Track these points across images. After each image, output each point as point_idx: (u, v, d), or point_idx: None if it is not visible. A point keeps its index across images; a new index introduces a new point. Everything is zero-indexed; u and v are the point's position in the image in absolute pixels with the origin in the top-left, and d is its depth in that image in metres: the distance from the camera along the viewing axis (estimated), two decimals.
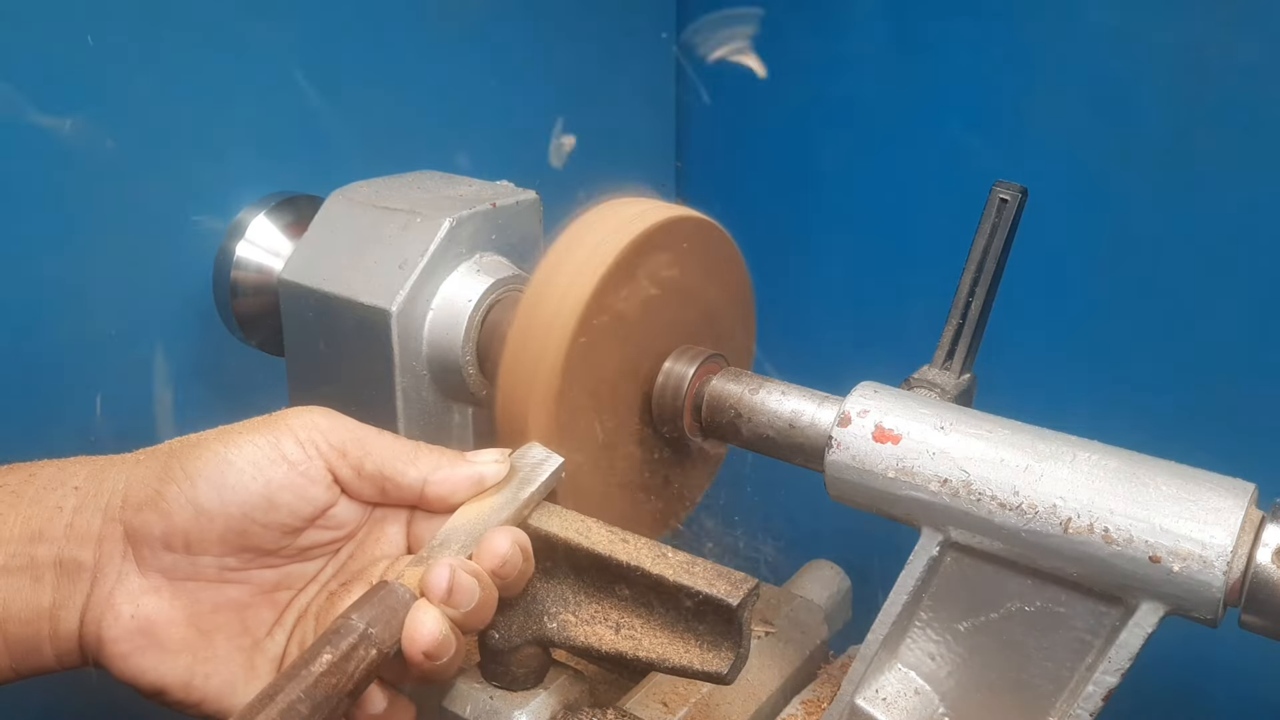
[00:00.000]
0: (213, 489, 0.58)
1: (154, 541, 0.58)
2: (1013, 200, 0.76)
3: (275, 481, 0.59)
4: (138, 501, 0.58)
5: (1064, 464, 0.62)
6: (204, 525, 0.58)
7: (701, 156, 1.80)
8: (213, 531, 0.58)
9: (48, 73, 1.04)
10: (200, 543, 0.58)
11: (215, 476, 0.58)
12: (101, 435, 1.18)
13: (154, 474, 0.59)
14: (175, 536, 0.58)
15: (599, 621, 0.63)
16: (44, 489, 0.59)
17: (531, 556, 0.62)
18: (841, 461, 0.68)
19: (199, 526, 0.58)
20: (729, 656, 0.60)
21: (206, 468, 0.58)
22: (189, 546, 0.58)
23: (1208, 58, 1.26)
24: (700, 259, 0.80)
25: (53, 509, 0.58)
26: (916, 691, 0.69)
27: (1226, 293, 1.30)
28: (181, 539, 0.58)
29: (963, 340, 0.78)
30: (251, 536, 0.59)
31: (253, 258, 0.85)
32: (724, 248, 0.83)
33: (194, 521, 0.58)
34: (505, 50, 1.48)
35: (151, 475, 0.59)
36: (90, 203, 1.07)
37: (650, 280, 0.75)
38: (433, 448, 0.65)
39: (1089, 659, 0.63)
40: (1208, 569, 0.57)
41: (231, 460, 0.58)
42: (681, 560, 0.61)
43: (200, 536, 0.58)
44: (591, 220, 0.75)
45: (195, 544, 0.58)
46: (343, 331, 0.80)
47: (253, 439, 0.59)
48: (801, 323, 1.63)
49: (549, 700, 0.65)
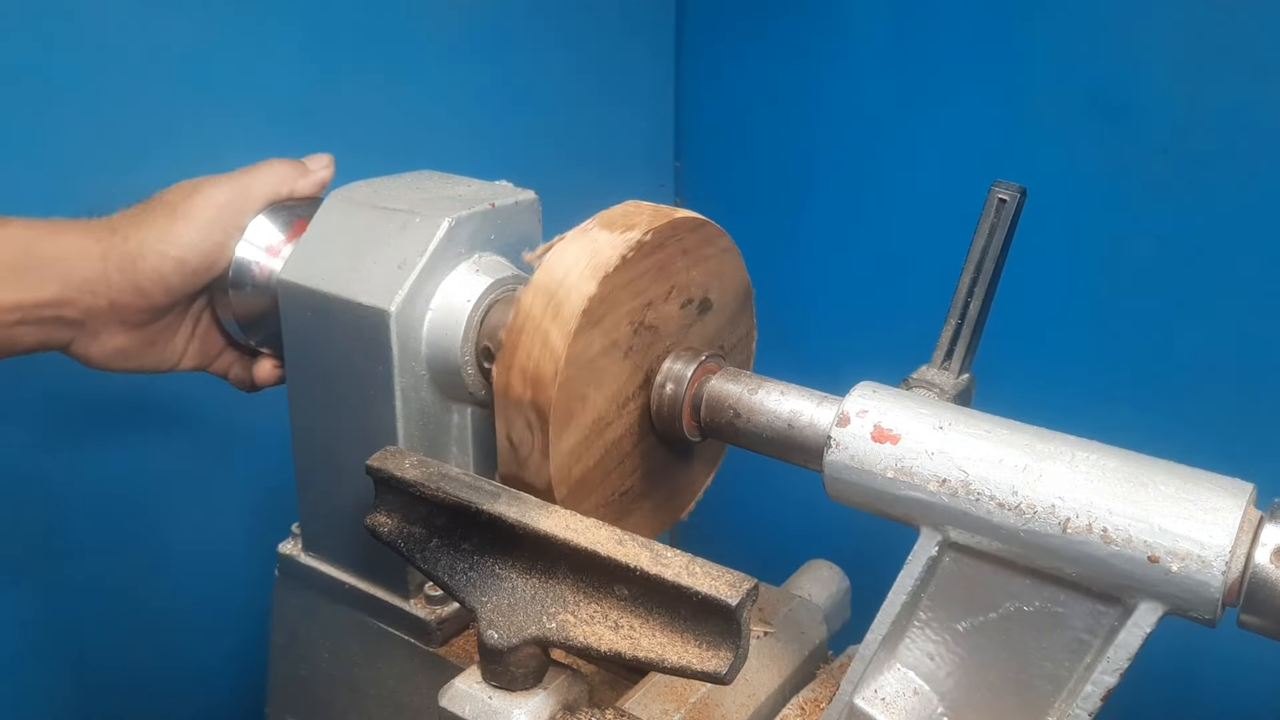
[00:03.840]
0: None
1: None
2: (1011, 200, 0.76)
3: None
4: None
5: (1063, 464, 0.62)
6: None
7: (701, 156, 1.80)
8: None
9: (47, 71, 1.04)
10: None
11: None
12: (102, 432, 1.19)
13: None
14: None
15: (598, 621, 0.63)
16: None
17: None
18: (840, 461, 0.68)
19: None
20: (728, 656, 0.60)
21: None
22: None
23: (1208, 58, 1.26)
24: (705, 258, 0.80)
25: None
26: (915, 691, 0.69)
27: (1225, 293, 1.30)
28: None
29: (961, 340, 0.78)
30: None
31: (251, 257, 0.85)
32: (725, 247, 0.83)
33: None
34: (505, 51, 1.48)
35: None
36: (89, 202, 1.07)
37: (661, 272, 0.76)
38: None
39: (1088, 659, 0.63)
40: (1206, 569, 0.57)
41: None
42: (680, 560, 0.61)
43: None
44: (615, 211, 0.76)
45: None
46: (341, 332, 0.80)
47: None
48: (801, 323, 1.63)
49: (548, 700, 0.65)
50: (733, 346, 0.87)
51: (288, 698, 0.98)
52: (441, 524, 0.70)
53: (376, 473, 0.71)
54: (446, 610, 0.85)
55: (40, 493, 1.14)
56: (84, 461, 1.17)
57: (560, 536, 0.63)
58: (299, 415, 0.86)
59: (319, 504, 0.89)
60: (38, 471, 1.14)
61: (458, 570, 0.69)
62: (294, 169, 0.88)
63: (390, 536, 0.71)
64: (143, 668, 1.28)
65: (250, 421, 1.26)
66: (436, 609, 0.85)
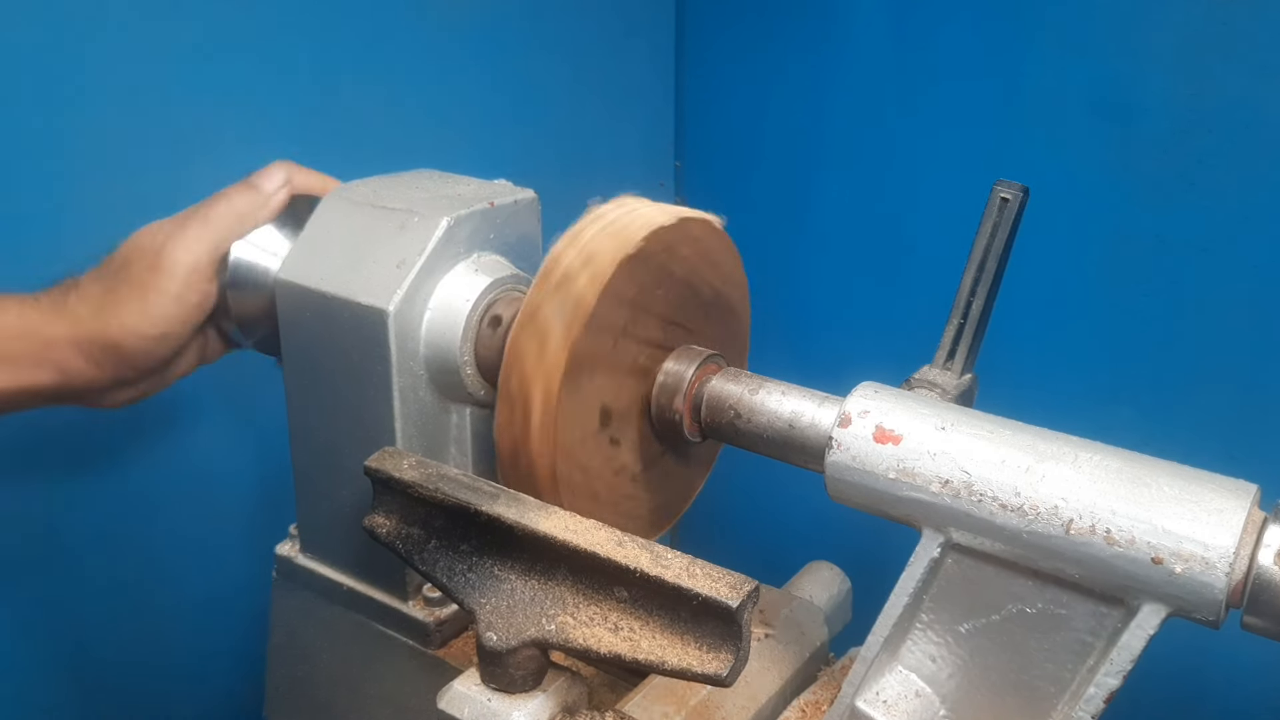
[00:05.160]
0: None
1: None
2: (1014, 199, 0.76)
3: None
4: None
5: (1066, 465, 0.62)
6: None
7: (701, 156, 1.80)
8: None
9: (46, 71, 1.03)
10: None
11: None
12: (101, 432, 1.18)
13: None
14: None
15: (597, 623, 0.63)
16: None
17: None
18: (842, 462, 0.67)
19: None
20: (728, 658, 0.59)
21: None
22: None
23: (1208, 58, 1.26)
24: (706, 258, 0.80)
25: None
26: (917, 694, 0.69)
27: (1228, 293, 1.30)
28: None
29: (964, 340, 0.77)
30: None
31: (250, 257, 0.85)
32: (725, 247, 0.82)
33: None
34: (505, 51, 1.48)
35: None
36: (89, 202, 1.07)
37: (665, 269, 0.75)
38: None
39: (1091, 660, 0.63)
40: (1210, 570, 0.56)
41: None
42: (680, 562, 0.61)
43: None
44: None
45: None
46: (340, 332, 0.79)
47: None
48: (801, 323, 1.63)
49: (547, 702, 0.65)
50: (731, 347, 0.86)
51: (285, 699, 0.98)
52: (440, 525, 0.70)
53: (375, 474, 0.71)
54: (445, 612, 0.85)
55: (39, 493, 1.14)
56: (83, 461, 1.16)
57: (560, 538, 0.63)
58: (297, 415, 0.86)
59: (317, 505, 0.88)
60: (37, 472, 1.13)
61: (456, 572, 0.68)
62: (249, 199, 0.85)
63: (388, 538, 0.71)
64: (141, 668, 1.28)
65: (248, 422, 1.26)
66: (435, 610, 0.85)
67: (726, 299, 0.84)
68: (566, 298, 0.71)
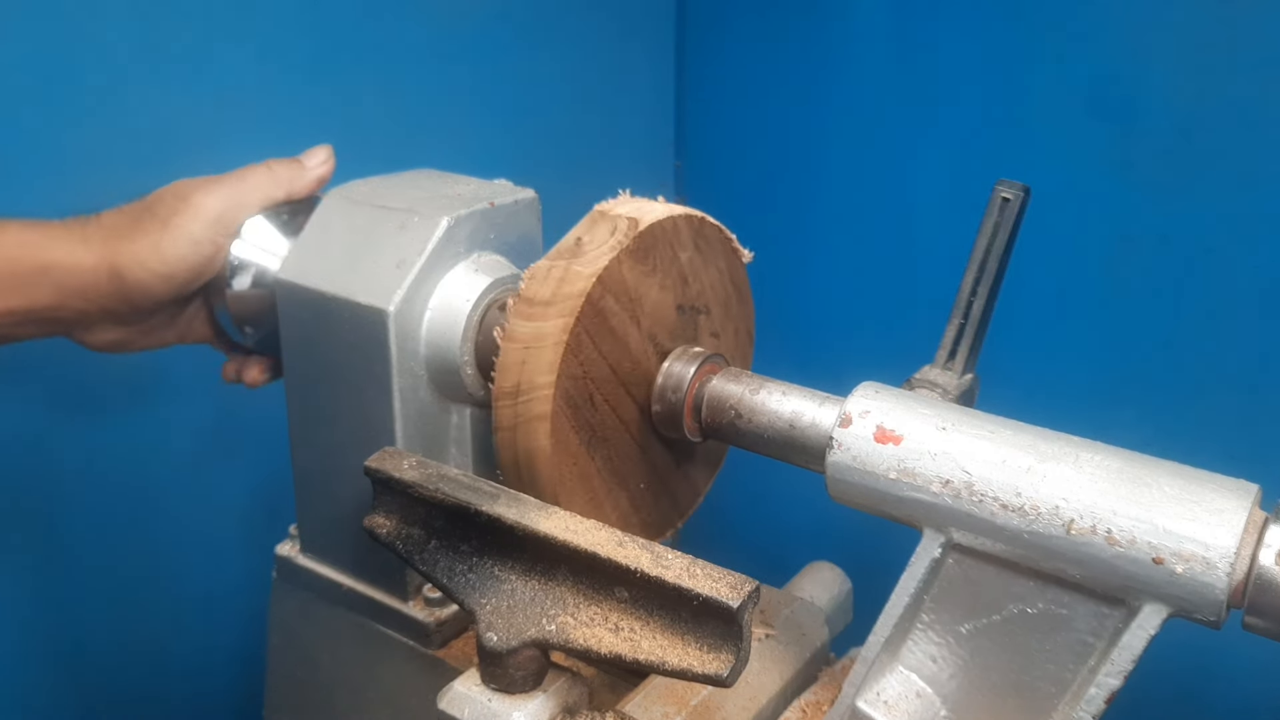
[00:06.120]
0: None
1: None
2: (1015, 199, 0.76)
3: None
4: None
5: (1067, 465, 0.62)
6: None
7: (701, 156, 1.80)
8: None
9: (45, 71, 1.03)
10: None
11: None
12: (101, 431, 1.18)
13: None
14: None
15: (598, 623, 0.63)
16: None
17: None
18: (842, 462, 0.67)
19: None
20: (729, 659, 0.59)
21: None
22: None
23: (1208, 58, 1.26)
24: (706, 258, 0.80)
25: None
26: (918, 694, 0.69)
27: (1229, 292, 1.30)
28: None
29: (965, 340, 0.77)
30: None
31: (249, 257, 0.85)
32: (725, 247, 0.82)
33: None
34: (505, 50, 1.48)
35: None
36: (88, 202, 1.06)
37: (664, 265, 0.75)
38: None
39: (1091, 661, 0.62)
40: (1211, 571, 0.56)
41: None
42: (681, 562, 0.61)
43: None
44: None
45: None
46: (340, 332, 0.79)
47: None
48: (801, 323, 1.63)
49: (547, 703, 0.65)
50: (732, 347, 0.86)
51: (285, 700, 0.98)
52: (440, 525, 0.70)
53: (375, 474, 0.71)
54: (445, 612, 0.84)
55: (38, 493, 1.14)
56: (81, 461, 1.16)
57: (560, 538, 0.63)
58: (297, 415, 0.86)
59: (317, 505, 0.88)
60: (36, 471, 1.13)
61: (456, 572, 0.68)
62: (289, 170, 0.88)
63: (388, 538, 0.71)
64: (140, 669, 1.28)
65: (247, 422, 1.26)
66: (435, 611, 0.84)
67: (728, 296, 0.84)
68: (566, 297, 0.70)
